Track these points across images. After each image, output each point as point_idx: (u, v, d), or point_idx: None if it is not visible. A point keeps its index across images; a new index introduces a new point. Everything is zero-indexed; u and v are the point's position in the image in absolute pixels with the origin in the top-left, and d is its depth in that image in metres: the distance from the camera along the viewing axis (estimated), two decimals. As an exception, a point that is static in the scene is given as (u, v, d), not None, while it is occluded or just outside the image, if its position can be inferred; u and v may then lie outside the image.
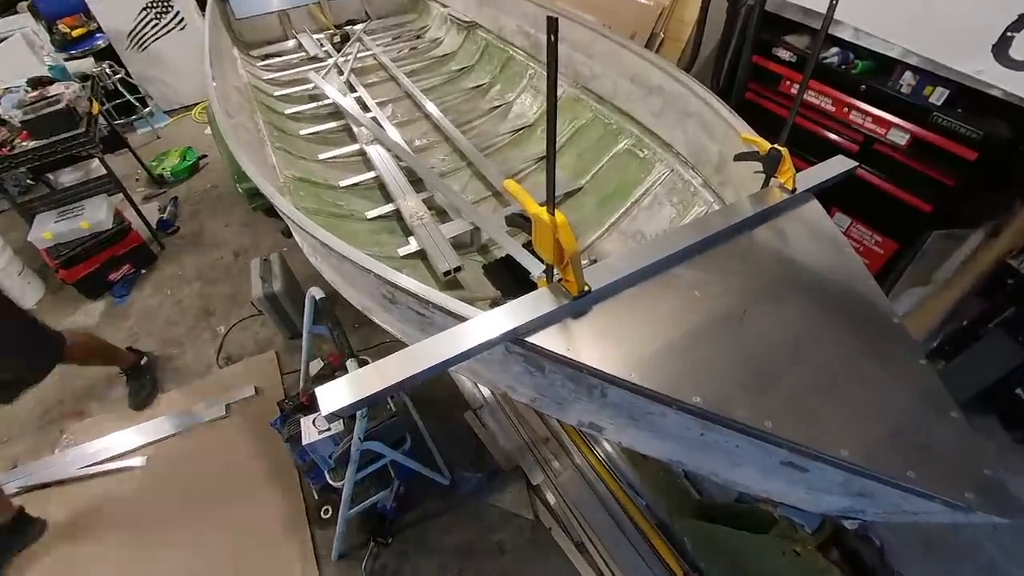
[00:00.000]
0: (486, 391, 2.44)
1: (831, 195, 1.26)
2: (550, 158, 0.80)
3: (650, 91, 2.14)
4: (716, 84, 2.69)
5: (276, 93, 3.17)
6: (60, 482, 2.23)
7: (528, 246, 1.86)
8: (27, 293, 3.14)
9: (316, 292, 1.81)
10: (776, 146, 1.19)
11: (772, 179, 1.23)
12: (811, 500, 0.84)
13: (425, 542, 2.00)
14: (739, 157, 1.33)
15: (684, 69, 2.02)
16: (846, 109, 2.17)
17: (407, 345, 0.84)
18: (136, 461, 2.28)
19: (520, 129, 2.79)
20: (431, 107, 2.92)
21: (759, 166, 1.24)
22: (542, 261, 0.91)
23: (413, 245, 2.06)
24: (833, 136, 2.27)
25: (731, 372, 0.85)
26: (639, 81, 2.20)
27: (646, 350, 0.87)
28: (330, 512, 2.07)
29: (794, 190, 1.19)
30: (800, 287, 1.01)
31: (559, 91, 2.61)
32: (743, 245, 1.09)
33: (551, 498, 2.08)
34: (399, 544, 2.00)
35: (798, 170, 1.20)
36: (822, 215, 1.17)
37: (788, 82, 2.38)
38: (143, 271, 3.31)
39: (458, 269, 1.92)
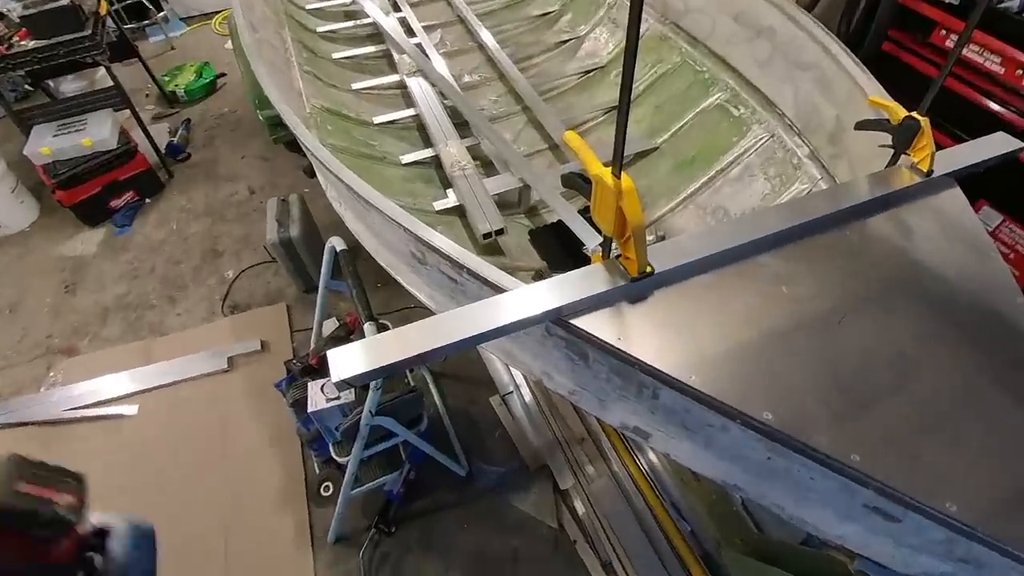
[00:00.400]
0: (518, 375, 2.47)
1: (979, 183, 1.18)
2: (623, 109, 0.77)
3: (758, 34, 2.04)
4: (844, 29, 2.53)
5: (308, 6, 3.20)
6: (43, 423, 2.42)
7: (585, 213, 1.84)
8: (20, 214, 3.36)
9: (337, 242, 1.86)
10: (913, 114, 1.11)
11: (903, 156, 1.16)
12: (899, 557, 0.82)
13: (432, 537, 2.08)
14: (862, 125, 1.25)
15: (805, 8, 1.91)
16: (1020, 72, 1.98)
17: (433, 313, 0.85)
18: (127, 409, 2.46)
19: (590, 71, 2.73)
20: (486, 36, 2.88)
21: (887, 138, 1.17)
22: (599, 232, 0.90)
23: (451, 199, 2.08)
24: (995, 106, 2.09)
25: (815, 389, 0.82)
26: (745, 20, 2.10)
27: (712, 350, 0.86)
28: (331, 489, 2.18)
29: (930, 172, 1.12)
30: (920, 296, 0.96)
31: (643, 26, 2.53)
32: (853, 236, 1.04)
33: (580, 507, 2.11)
34: (403, 534, 2.09)
35: (939, 147, 1.12)
36: (963, 208, 1.09)
37: (943, 31, 2.20)
38: (148, 200, 3.50)
39: (500, 232, 1.92)
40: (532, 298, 0.87)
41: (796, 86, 1.90)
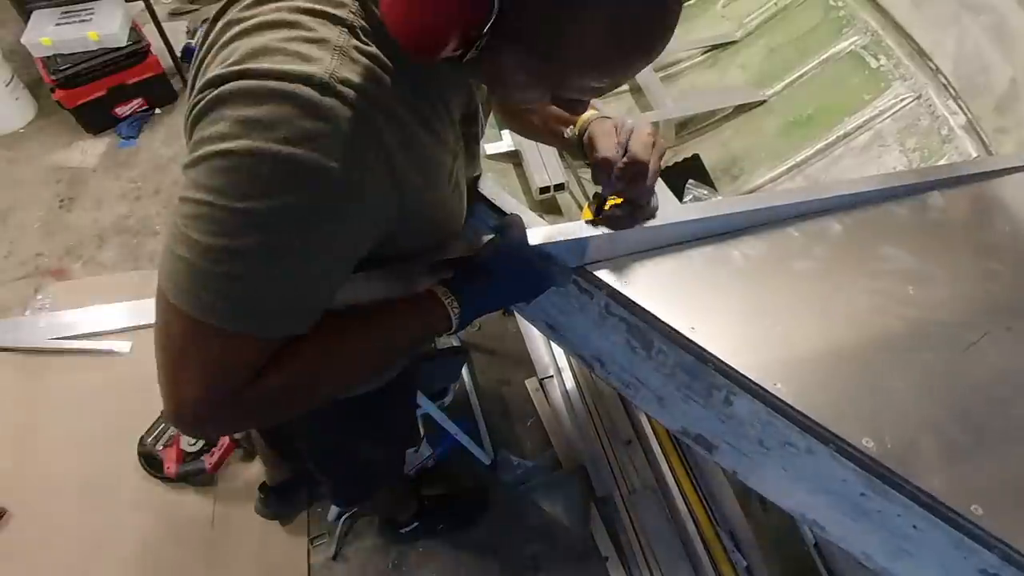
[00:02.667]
0: (562, 357, 2.47)
1: None
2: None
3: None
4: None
5: None
6: (28, 350, 2.54)
7: (665, 172, 1.80)
8: (15, 111, 3.47)
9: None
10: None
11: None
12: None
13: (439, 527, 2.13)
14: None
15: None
16: None
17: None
18: (119, 345, 2.56)
19: (691, -2, 2.64)
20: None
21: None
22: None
23: (506, 143, 2.07)
24: None
25: (933, 418, 0.79)
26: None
27: (806, 355, 0.84)
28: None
29: None
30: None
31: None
32: (1018, 238, 0.99)
33: (617, 520, 2.11)
34: (406, 521, 2.14)
35: None
36: None
37: None
38: (158, 111, 3.59)
39: (560, 187, 1.91)
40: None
41: (961, 33, 1.80)
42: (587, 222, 0.90)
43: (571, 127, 1.00)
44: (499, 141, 2.07)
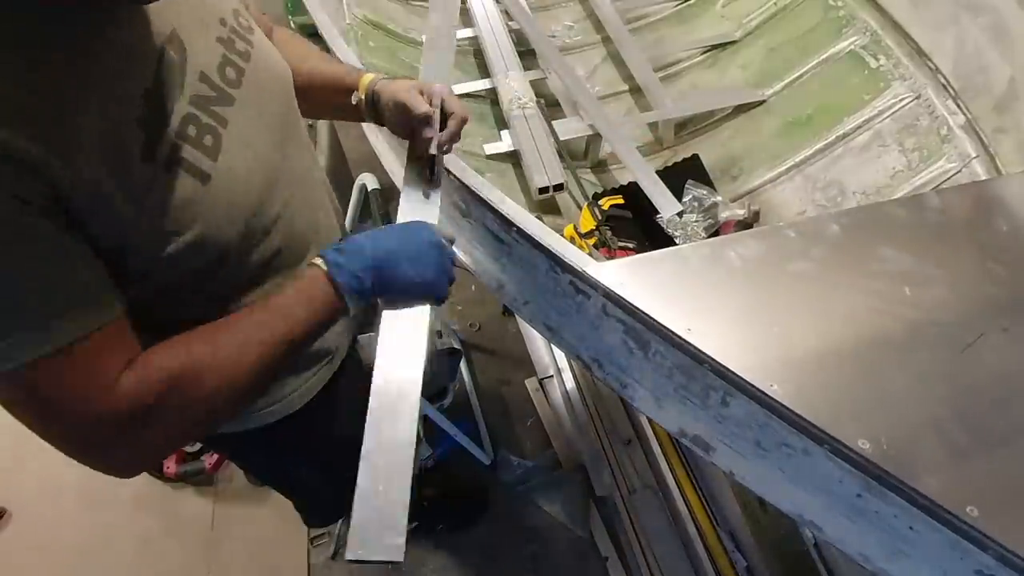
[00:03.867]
0: (561, 358, 2.47)
1: None
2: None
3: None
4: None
5: None
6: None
7: (663, 174, 1.80)
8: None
9: (369, 180, 1.87)
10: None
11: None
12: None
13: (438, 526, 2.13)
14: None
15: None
16: None
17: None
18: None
19: (692, -2, 2.63)
20: (568, -56, 2.80)
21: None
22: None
23: (506, 143, 2.06)
24: None
25: (930, 419, 0.79)
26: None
27: (802, 355, 0.84)
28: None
29: None
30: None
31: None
32: (1018, 239, 0.98)
33: (617, 520, 2.11)
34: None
35: None
36: None
37: None
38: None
39: (559, 187, 1.90)
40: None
41: (961, 33, 1.79)
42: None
43: (355, 92, 1.01)
44: (498, 141, 2.07)
